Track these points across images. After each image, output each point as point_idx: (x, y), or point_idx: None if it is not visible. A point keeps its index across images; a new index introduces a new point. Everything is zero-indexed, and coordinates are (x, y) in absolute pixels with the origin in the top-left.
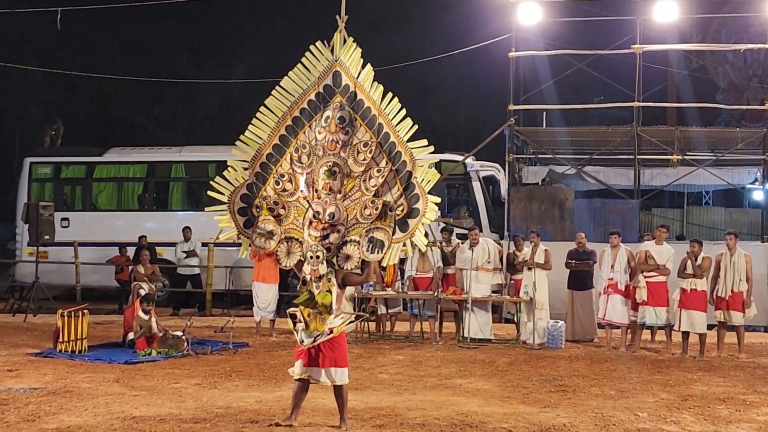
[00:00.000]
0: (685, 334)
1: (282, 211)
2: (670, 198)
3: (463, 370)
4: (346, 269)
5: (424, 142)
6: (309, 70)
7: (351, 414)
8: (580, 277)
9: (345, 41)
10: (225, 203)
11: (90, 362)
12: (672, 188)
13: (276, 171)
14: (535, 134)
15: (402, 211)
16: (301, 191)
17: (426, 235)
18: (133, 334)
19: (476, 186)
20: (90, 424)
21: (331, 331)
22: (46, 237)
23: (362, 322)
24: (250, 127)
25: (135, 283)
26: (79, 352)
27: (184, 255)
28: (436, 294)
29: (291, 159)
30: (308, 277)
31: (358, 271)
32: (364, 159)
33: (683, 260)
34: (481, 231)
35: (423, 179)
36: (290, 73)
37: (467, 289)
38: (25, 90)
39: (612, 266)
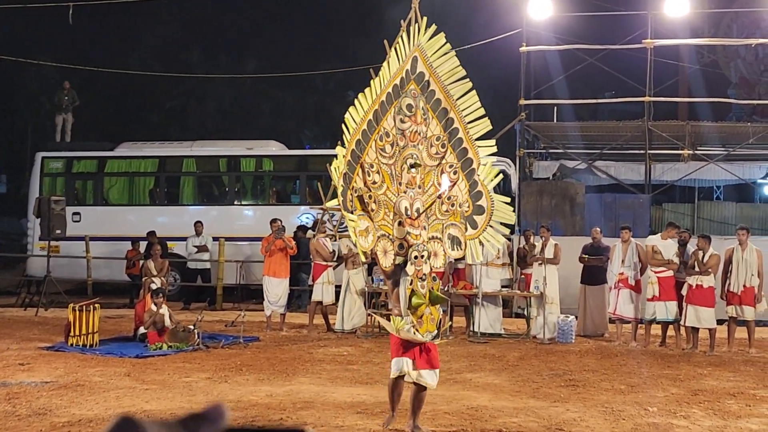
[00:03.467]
0: (695, 329)
1: (374, 206)
2: (681, 193)
3: (473, 364)
4: (434, 267)
5: (492, 142)
6: (400, 53)
7: (361, 408)
8: (593, 272)
9: (424, 27)
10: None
11: (101, 356)
12: (683, 183)
13: (364, 160)
14: (546, 129)
15: (469, 207)
16: (443, 191)
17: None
18: (143, 328)
19: None
20: (101, 418)
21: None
22: (58, 231)
23: (372, 317)
24: (350, 109)
25: (146, 278)
26: (91, 346)
27: (195, 249)
28: (446, 289)
29: (376, 148)
30: (410, 279)
31: None
32: (437, 153)
33: (692, 256)
34: None
35: (485, 177)
36: (390, 53)
37: (477, 284)
38: (37, 85)
39: (623, 261)
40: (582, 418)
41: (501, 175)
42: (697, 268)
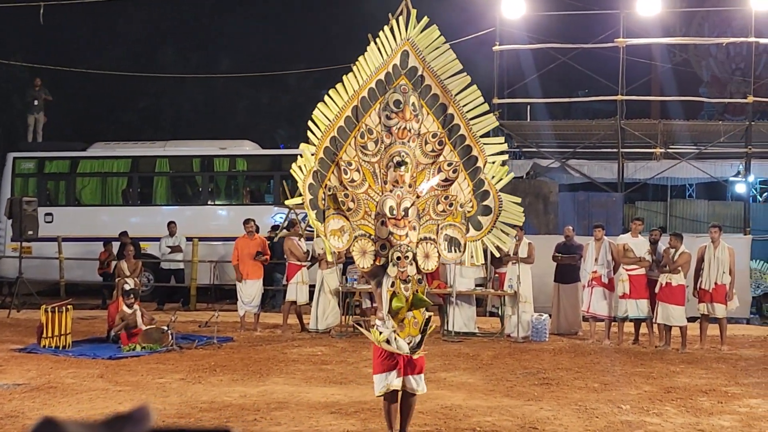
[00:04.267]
0: (667, 327)
1: (352, 205)
2: (654, 191)
3: (447, 363)
4: (426, 269)
5: (501, 139)
6: (383, 47)
7: (335, 408)
8: (567, 271)
9: (417, 19)
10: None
11: (74, 358)
12: (655, 181)
13: (341, 157)
14: (520, 128)
15: (472, 208)
16: (421, 191)
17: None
18: (115, 331)
19: None
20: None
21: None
22: (30, 232)
23: (347, 316)
24: (319, 105)
25: (119, 278)
26: (63, 348)
27: (169, 250)
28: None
29: (356, 145)
30: (393, 280)
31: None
32: (433, 151)
33: (663, 254)
34: None
35: (493, 176)
36: (369, 47)
37: (451, 283)
38: (8, 85)
39: (596, 259)
40: (556, 416)
41: (512, 174)
42: (667, 266)
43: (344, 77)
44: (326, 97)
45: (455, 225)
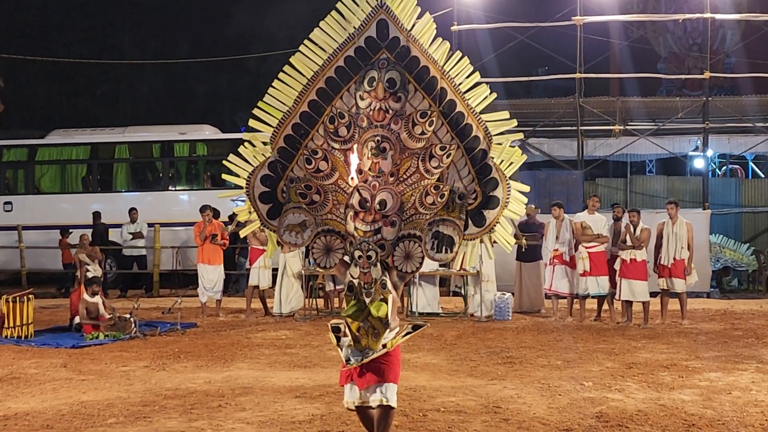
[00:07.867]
0: (628, 303)
1: (317, 197)
2: (614, 167)
3: (411, 344)
4: (407, 271)
5: (506, 114)
6: (346, 19)
7: (300, 392)
8: (528, 249)
9: None
10: (241, 188)
11: (36, 347)
12: (615, 158)
13: (306, 146)
14: None
15: (475, 199)
16: (351, 178)
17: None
18: (79, 318)
19: None
20: (37, 410)
21: (385, 347)
22: None
23: (311, 299)
24: (270, 91)
25: (82, 266)
26: (25, 338)
27: (131, 236)
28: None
29: (325, 131)
30: (355, 282)
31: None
32: (422, 133)
33: (624, 230)
34: None
35: (503, 160)
36: (322, 24)
37: None
38: None
39: (557, 237)
40: (519, 395)
41: (524, 156)
42: (629, 242)
43: (293, 58)
44: (277, 82)
45: (450, 220)
